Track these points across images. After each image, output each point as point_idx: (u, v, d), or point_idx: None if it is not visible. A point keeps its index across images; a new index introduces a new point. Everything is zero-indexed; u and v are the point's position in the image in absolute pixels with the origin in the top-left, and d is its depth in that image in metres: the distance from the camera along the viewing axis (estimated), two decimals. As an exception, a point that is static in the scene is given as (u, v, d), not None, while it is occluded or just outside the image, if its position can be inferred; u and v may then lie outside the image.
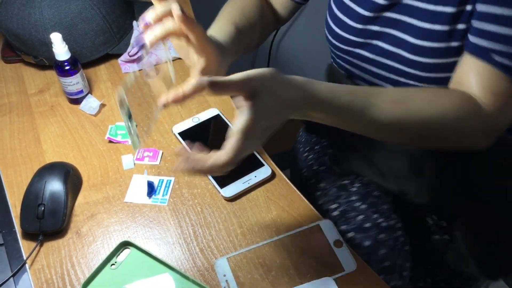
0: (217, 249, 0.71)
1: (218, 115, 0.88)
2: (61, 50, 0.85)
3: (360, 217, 0.82)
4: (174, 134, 0.85)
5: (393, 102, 0.63)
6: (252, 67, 1.67)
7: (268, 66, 1.66)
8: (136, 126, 0.61)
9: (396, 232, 0.81)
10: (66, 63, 0.87)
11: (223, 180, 0.78)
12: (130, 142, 0.60)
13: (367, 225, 0.81)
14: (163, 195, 0.78)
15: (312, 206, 0.75)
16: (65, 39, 0.86)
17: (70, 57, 0.87)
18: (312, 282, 0.66)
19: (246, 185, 0.77)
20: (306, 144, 1.02)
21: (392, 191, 0.87)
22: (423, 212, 0.92)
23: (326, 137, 0.99)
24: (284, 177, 0.79)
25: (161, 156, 0.83)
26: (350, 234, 0.80)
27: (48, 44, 0.90)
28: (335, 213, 0.84)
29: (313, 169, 0.94)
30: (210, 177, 0.78)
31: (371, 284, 0.67)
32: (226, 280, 0.67)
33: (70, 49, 0.87)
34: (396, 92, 0.66)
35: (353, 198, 0.85)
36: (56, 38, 0.84)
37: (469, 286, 0.91)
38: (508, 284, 1.51)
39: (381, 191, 0.86)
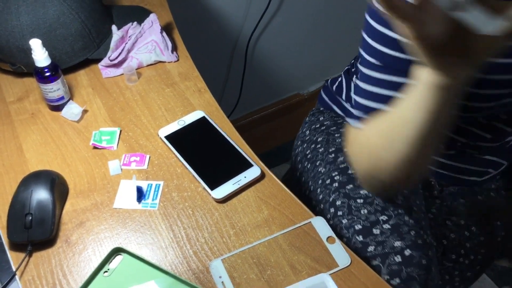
0: (211, 251, 0.71)
1: (203, 117, 0.88)
2: (41, 57, 0.84)
3: (413, 232, 0.79)
4: (160, 137, 0.85)
5: None
6: (229, 69, 1.67)
7: (244, 68, 1.67)
8: None
9: (433, 248, 0.82)
10: (46, 70, 0.85)
11: (213, 182, 0.78)
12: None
13: (420, 241, 0.79)
14: (152, 200, 0.77)
15: (303, 204, 0.76)
16: (44, 45, 0.84)
17: (50, 63, 0.85)
18: (309, 279, 0.66)
19: (237, 186, 0.77)
20: (330, 145, 0.97)
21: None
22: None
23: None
24: (274, 176, 0.80)
25: (149, 161, 0.82)
26: (407, 252, 0.77)
27: (27, 51, 0.88)
28: (386, 226, 0.80)
29: (349, 172, 0.90)
30: (200, 179, 0.78)
31: (366, 277, 0.67)
32: (222, 282, 0.67)
33: (49, 55, 0.85)
34: None
35: (401, 211, 0.82)
36: (35, 44, 0.82)
37: (477, 279, 0.96)
38: (498, 285, 1.54)
39: (417, 206, 0.84)
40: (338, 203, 0.87)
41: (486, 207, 0.96)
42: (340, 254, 0.70)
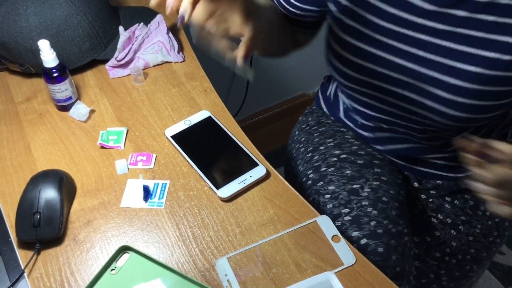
0: (217, 250, 0.71)
1: (209, 117, 0.88)
2: (49, 57, 0.85)
3: (373, 223, 0.82)
4: (167, 137, 0.85)
5: None
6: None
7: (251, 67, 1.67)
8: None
9: (404, 238, 0.82)
10: (54, 70, 0.86)
11: (219, 181, 0.78)
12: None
13: (380, 231, 0.81)
14: (159, 199, 0.78)
15: (308, 203, 0.77)
16: (52, 46, 0.85)
17: (58, 64, 0.86)
18: (314, 277, 0.67)
19: (242, 185, 0.78)
20: (309, 144, 1.01)
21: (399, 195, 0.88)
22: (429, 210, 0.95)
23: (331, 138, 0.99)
24: (279, 176, 0.80)
25: (155, 160, 0.83)
26: (363, 241, 0.80)
27: (35, 52, 0.89)
28: (347, 218, 0.83)
29: (321, 170, 0.93)
30: (206, 179, 0.79)
31: (370, 276, 0.68)
32: (228, 280, 0.68)
33: (57, 56, 0.86)
34: None
35: (365, 203, 0.84)
36: (44, 45, 0.83)
37: (469, 278, 0.94)
38: (502, 283, 1.54)
39: (389, 197, 0.86)
40: (310, 199, 0.90)
41: (474, 206, 0.95)
42: (345, 252, 0.70)
